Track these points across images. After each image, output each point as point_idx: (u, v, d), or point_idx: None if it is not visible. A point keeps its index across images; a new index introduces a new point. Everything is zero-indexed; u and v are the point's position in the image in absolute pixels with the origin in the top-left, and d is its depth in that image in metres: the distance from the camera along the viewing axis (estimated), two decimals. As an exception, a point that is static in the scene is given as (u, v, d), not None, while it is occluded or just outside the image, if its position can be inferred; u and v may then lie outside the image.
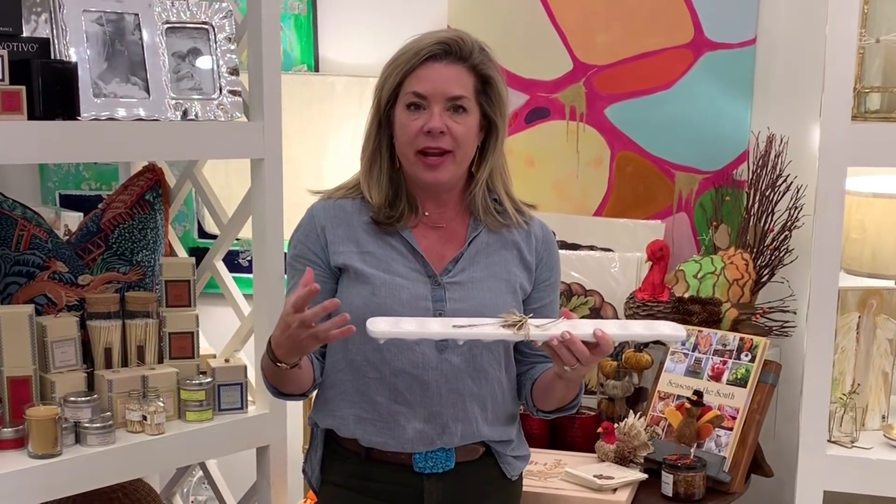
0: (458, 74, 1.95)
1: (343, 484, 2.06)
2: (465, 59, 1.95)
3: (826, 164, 2.19)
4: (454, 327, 1.83)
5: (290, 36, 3.30)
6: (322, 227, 2.02)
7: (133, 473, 2.46)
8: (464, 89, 1.95)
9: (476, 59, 1.96)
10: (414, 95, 1.94)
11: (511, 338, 1.83)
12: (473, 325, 1.83)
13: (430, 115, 1.93)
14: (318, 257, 2.02)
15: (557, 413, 2.08)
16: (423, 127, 1.93)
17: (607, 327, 1.84)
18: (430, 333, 1.83)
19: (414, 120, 1.94)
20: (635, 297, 2.79)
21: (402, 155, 1.99)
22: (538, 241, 2.08)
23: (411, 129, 1.94)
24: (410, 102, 1.94)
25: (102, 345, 2.51)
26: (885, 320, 2.41)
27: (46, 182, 3.46)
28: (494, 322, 1.83)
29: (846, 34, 2.15)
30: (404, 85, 1.95)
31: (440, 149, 1.94)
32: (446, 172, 1.97)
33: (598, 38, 3.05)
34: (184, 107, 2.45)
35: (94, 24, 2.36)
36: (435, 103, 1.93)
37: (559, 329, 1.81)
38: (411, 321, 1.84)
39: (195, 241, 3.42)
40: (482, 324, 1.84)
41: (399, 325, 1.82)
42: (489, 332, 1.83)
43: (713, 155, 2.99)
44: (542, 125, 3.13)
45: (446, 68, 1.94)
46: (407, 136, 1.95)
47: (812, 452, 2.27)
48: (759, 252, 2.82)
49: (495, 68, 1.99)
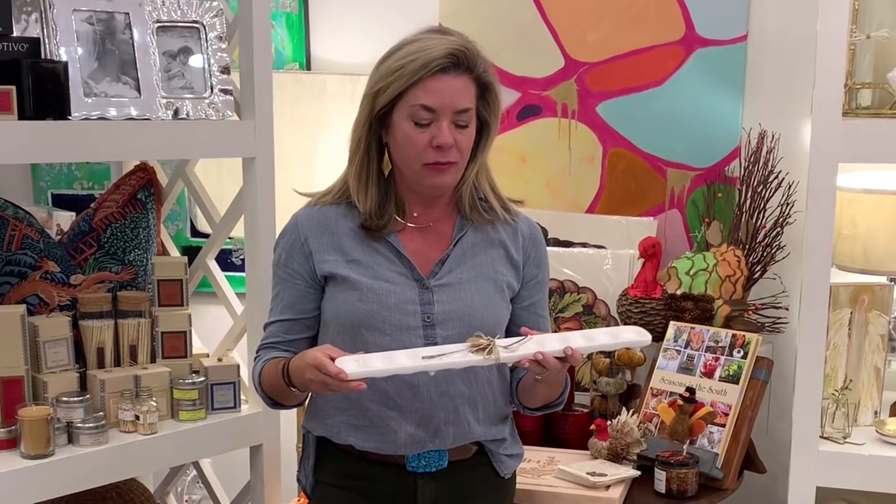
0: (465, 86, 1.91)
1: (336, 483, 2.05)
2: (472, 70, 1.92)
3: (817, 161, 2.19)
4: (423, 358, 1.81)
5: (282, 34, 3.29)
6: (305, 238, 2.00)
7: (126, 473, 2.45)
8: (469, 101, 1.92)
9: (480, 69, 1.93)
10: (422, 108, 1.89)
11: (481, 363, 1.82)
12: (443, 353, 1.82)
13: (439, 129, 1.89)
14: (301, 268, 2.00)
15: (544, 410, 2.09)
16: (433, 141, 1.89)
17: (573, 340, 1.85)
18: (400, 369, 1.80)
19: (420, 133, 1.90)
20: (628, 295, 2.79)
21: (405, 165, 1.95)
22: (525, 239, 2.07)
23: (419, 142, 1.90)
24: (418, 115, 1.89)
25: (95, 344, 2.51)
26: (876, 316, 2.42)
27: (39, 181, 3.45)
28: (463, 348, 1.82)
29: (837, 30, 2.15)
30: (408, 95, 1.89)
31: (449, 162, 1.92)
32: (451, 178, 1.95)
33: (590, 36, 3.05)
34: (175, 106, 2.45)
35: (85, 24, 2.35)
36: (443, 117, 1.89)
37: (528, 349, 1.82)
38: (379, 357, 1.81)
39: (188, 240, 3.42)
40: (451, 352, 1.82)
41: (367, 364, 1.79)
42: (459, 360, 1.81)
43: (705, 152, 2.99)
44: (534, 122, 3.13)
45: (455, 80, 1.90)
46: (414, 150, 1.91)
47: (804, 448, 2.28)
48: (751, 249, 2.82)
49: (494, 74, 1.97)
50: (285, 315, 2.03)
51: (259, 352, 2.06)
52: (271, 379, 1.97)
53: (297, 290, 2.01)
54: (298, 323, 2.03)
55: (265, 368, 2.00)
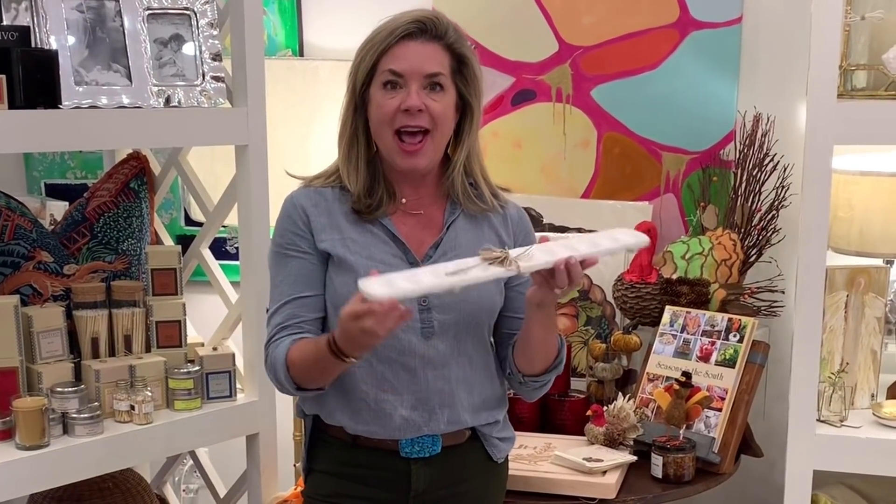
0: (434, 52, 1.94)
1: (330, 471, 2.05)
2: (441, 38, 1.94)
3: (813, 143, 2.18)
4: (447, 275, 1.75)
5: (275, 20, 3.27)
6: (305, 212, 1.99)
7: (122, 463, 2.45)
8: (440, 66, 1.94)
9: (451, 38, 1.95)
10: (390, 73, 1.92)
11: (505, 274, 1.78)
12: (462, 269, 1.77)
13: (408, 93, 1.91)
14: (307, 242, 1.99)
15: (546, 374, 2.03)
16: (401, 105, 1.91)
17: (581, 246, 1.85)
18: (428, 289, 1.74)
19: (390, 99, 1.92)
20: (623, 279, 2.79)
21: (379, 137, 1.96)
22: (514, 223, 2.08)
23: (388, 107, 1.92)
24: (387, 81, 1.92)
25: (89, 335, 2.50)
26: (873, 299, 2.41)
27: (32, 171, 3.44)
28: (479, 262, 1.78)
29: (832, 11, 2.14)
30: (380, 64, 1.93)
31: (419, 126, 1.92)
32: (424, 158, 1.95)
33: (584, 19, 3.03)
34: (167, 93, 2.44)
35: (75, 12, 2.34)
36: (412, 81, 1.91)
37: (539, 259, 1.80)
38: (402, 277, 1.75)
39: (182, 229, 3.41)
40: (470, 266, 1.77)
41: (393, 284, 1.71)
42: (482, 275, 1.76)
43: (700, 135, 2.98)
44: (528, 107, 3.12)
45: (422, 46, 1.93)
46: (383, 116, 1.93)
47: (801, 432, 2.27)
48: (747, 232, 2.82)
49: (470, 49, 1.99)
50: (298, 292, 1.97)
51: (275, 338, 1.97)
52: (308, 358, 1.88)
53: (307, 265, 1.98)
54: (313, 299, 1.97)
55: (292, 352, 1.91)
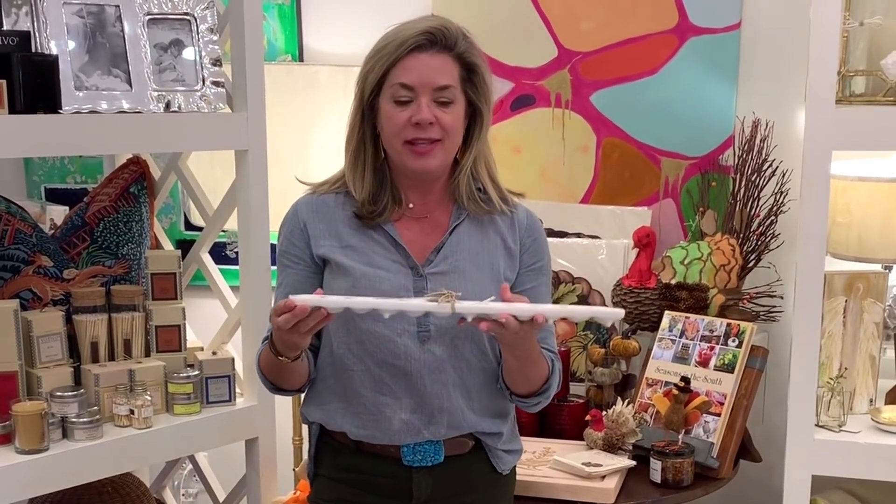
0: (444, 64, 1.93)
1: (334, 476, 2.06)
2: (451, 49, 1.93)
3: (811, 148, 2.19)
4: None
5: (274, 25, 3.28)
6: (304, 223, 2.02)
7: (121, 468, 2.45)
8: (450, 79, 1.93)
9: (461, 48, 1.94)
10: (401, 87, 1.91)
11: (435, 309, 1.80)
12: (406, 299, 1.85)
13: (418, 106, 1.91)
14: (303, 252, 2.02)
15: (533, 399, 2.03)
16: (412, 118, 1.91)
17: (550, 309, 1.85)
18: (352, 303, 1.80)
19: (401, 112, 1.92)
20: (622, 284, 2.79)
21: (389, 146, 1.97)
22: (522, 229, 2.06)
23: (398, 120, 1.92)
24: (397, 94, 1.92)
25: (89, 339, 2.51)
26: (871, 304, 2.41)
27: (32, 176, 3.44)
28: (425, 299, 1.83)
29: (830, 17, 2.14)
30: (389, 76, 1.92)
31: (429, 139, 1.92)
32: (435, 159, 1.95)
33: (583, 25, 3.04)
34: (166, 98, 2.44)
35: (75, 17, 2.34)
36: (422, 94, 1.91)
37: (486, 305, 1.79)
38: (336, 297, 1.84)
39: (182, 234, 3.41)
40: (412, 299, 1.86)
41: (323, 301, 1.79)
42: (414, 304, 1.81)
43: (699, 140, 2.99)
44: (527, 112, 3.13)
45: (432, 58, 1.92)
46: (394, 128, 1.93)
47: (800, 437, 2.27)
48: (746, 237, 2.82)
49: (480, 55, 1.98)
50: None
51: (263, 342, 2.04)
52: (265, 358, 1.97)
53: (300, 275, 2.02)
54: None
55: (262, 351, 2.00)
